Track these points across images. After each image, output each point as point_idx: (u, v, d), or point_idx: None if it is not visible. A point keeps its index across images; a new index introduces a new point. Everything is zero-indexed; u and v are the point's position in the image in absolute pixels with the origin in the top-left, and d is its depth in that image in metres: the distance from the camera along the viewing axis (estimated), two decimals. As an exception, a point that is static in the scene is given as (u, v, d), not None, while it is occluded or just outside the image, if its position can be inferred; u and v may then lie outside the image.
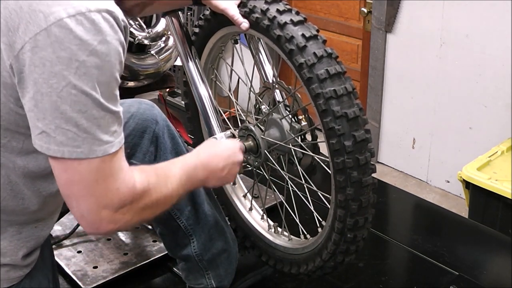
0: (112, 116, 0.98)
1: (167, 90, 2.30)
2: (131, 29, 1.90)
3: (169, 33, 1.98)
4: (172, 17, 1.50)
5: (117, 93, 0.99)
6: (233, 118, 1.65)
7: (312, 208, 1.44)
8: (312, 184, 1.41)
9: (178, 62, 1.81)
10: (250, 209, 1.69)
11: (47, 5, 0.92)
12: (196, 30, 1.55)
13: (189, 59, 1.49)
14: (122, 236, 1.90)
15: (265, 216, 1.65)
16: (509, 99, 2.82)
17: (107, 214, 1.01)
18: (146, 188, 1.06)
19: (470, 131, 3.05)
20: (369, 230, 1.34)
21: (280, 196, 1.56)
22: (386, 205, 2.35)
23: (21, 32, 0.92)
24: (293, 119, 1.40)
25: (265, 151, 1.43)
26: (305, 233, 1.51)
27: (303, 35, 1.23)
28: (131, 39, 1.88)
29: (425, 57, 3.15)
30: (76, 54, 0.91)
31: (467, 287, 1.76)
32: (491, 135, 2.91)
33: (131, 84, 1.95)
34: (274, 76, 1.47)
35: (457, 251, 1.98)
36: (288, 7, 1.28)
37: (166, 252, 1.68)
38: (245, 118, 1.53)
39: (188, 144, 2.07)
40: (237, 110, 1.59)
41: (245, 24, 1.32)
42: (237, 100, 1.69)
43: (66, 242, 1.85)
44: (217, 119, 1.47)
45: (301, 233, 1.51)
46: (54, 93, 0.92)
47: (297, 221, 1.49)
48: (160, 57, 1.97)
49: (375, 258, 1.93)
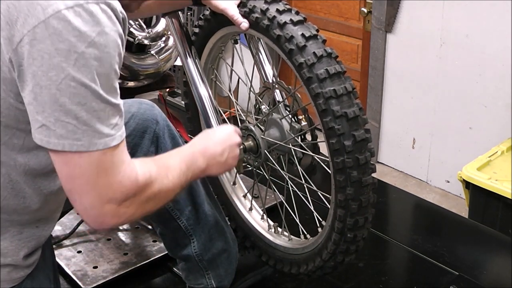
0: (112, 108, 0.96)
1: (167, 90, 2.30)
2: (131, 29, 1.90)
3: (169, 33, 1.98)
4: (172, 17, 1.50)
5: (116, 86, 0.98)
6: (233, 118, 1.65)
7: (312, 208, 1.44)
8: (312, 184, 1.41)
9: (178, 62, 1.81)
10: (250, 209, 1.69)
11: None
12: (196, 30, 1.55)
13: (189, 59, 1.49)
14: (122, 236, 1.90)
15: (265, 216, 1.65)
16: (509, 99, 2.82)
17: (110, 208, 0.99)
18: (148, 180, 1.05)
19: (470, 131, 3.05)
20: (369, 230, 1.34)
21: (280, 196, 1.55)
22: (386, 205, 2.35)
23: (20, 25, 0.91)
24: (293, 119, 1.40)
25: (265, 151, 1.43)
26: (305, 233, 1.51)
27: (302, 34, 1.23)
28: (131, 39, 1.88)
29: (425, 57, 3.15)
30: (75, 46, 0.90)
31: (467, 287, 1.76)
32: (491, 135, 2.91)
33: (131, 84, 1.95)
34: (274, 76, 1.47)
35: (457, 251, 1.98)
36: (288, 7, 1.28)
37: (166, 252, 1.68)
38: (245, 118, 1.53)
39: (188, 144, 2.06)
40: (237, 110, 1.59)
41: (245, 24, 1.32)
42: (237, 100, 1.69)
43: (66, 242, 1.85)
44: (217, 119, 1.47)
45: (301, 233, 1.51)
46: (53, 85, 0.91)
47: (297, 221, 1.49)
48: (160, 57, 1.97)
49: (375, 258, 1.92)
